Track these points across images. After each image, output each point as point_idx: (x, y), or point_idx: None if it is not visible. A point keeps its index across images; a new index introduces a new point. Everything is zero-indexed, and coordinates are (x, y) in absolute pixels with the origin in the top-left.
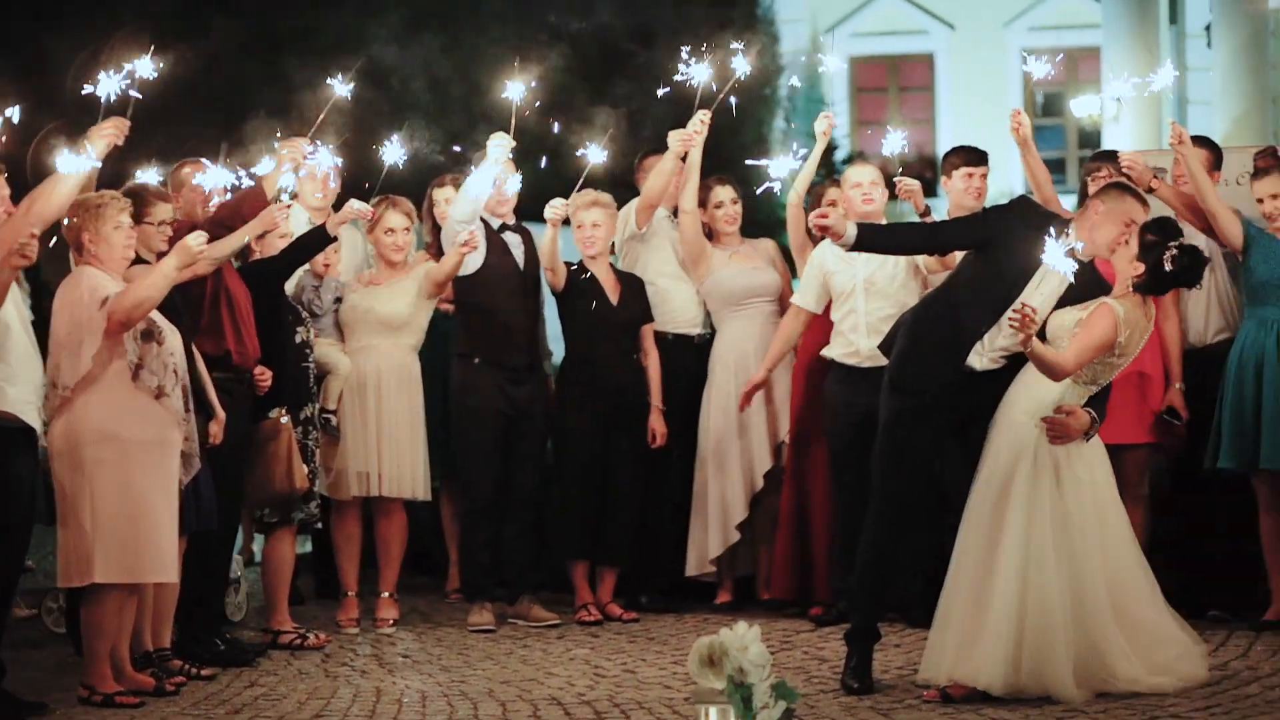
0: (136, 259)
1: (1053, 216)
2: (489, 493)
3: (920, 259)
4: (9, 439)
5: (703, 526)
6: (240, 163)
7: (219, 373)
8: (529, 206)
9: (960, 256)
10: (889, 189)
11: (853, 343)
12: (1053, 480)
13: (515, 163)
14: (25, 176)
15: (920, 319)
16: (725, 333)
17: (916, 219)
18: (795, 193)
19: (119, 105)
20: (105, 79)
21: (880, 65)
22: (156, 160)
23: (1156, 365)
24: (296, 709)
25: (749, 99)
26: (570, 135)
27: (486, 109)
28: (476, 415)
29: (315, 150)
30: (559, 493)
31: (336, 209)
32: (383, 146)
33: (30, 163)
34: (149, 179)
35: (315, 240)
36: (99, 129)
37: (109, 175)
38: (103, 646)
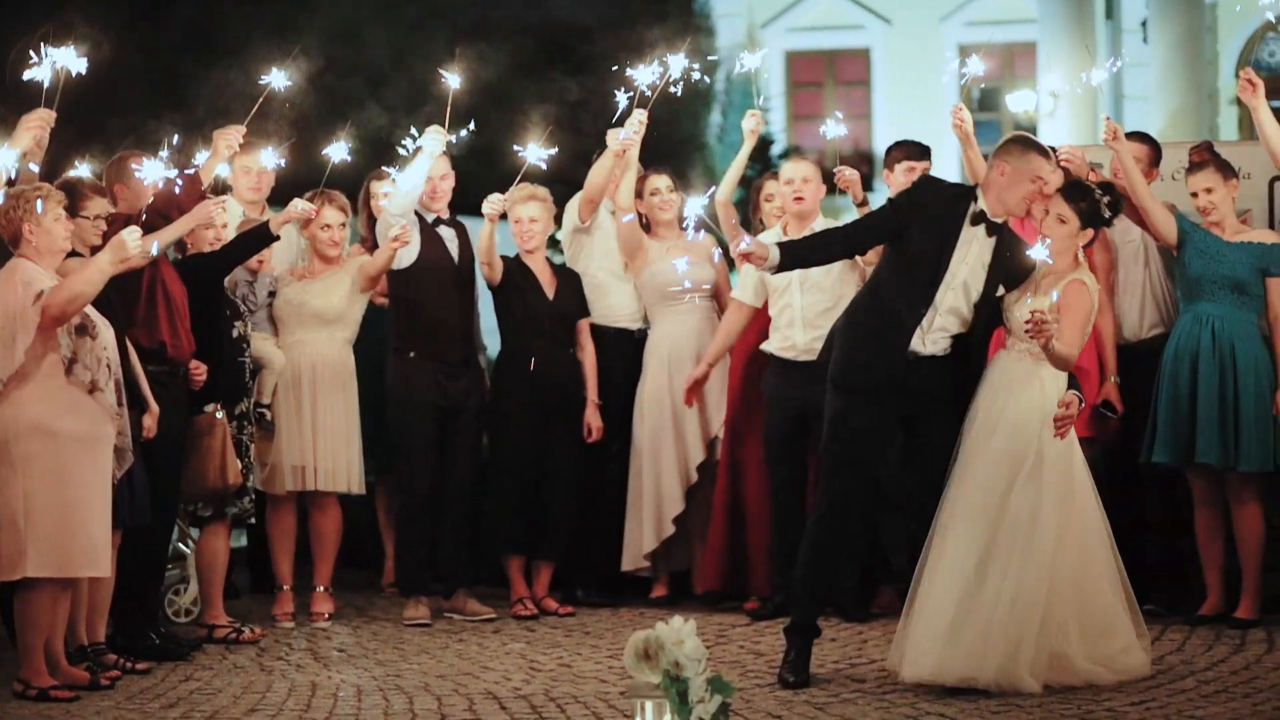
0: (71, 252)
1: (957, 186)
2: (424, 487)
3: None
4: None
5: (637, 521)
6: (178, 155)
7: (153, 366)
8: (463, 200)
9: None
10: (827, 183)
11: (789, 336)
12: (1039, 471)
13: (451, 156)
14: None
15: (854, 320)
16: (660, 326)
17: (854, 210)
18: (723, 192)
19: (48, 96)
20: (37, 67)
21: (817, 60)
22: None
23: (1091, 359)
24: (231, 703)
25: (685, 93)
26: (507, 129)
27: (423, 102)
28: (412, 409)
29: (253, 145)
30: (495, 487)
31: (272, 203)
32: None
33: None
34: (82, 172)
35: (258, 238)
36: (24, 121)
37: (42, 169)
38: (36, 640)
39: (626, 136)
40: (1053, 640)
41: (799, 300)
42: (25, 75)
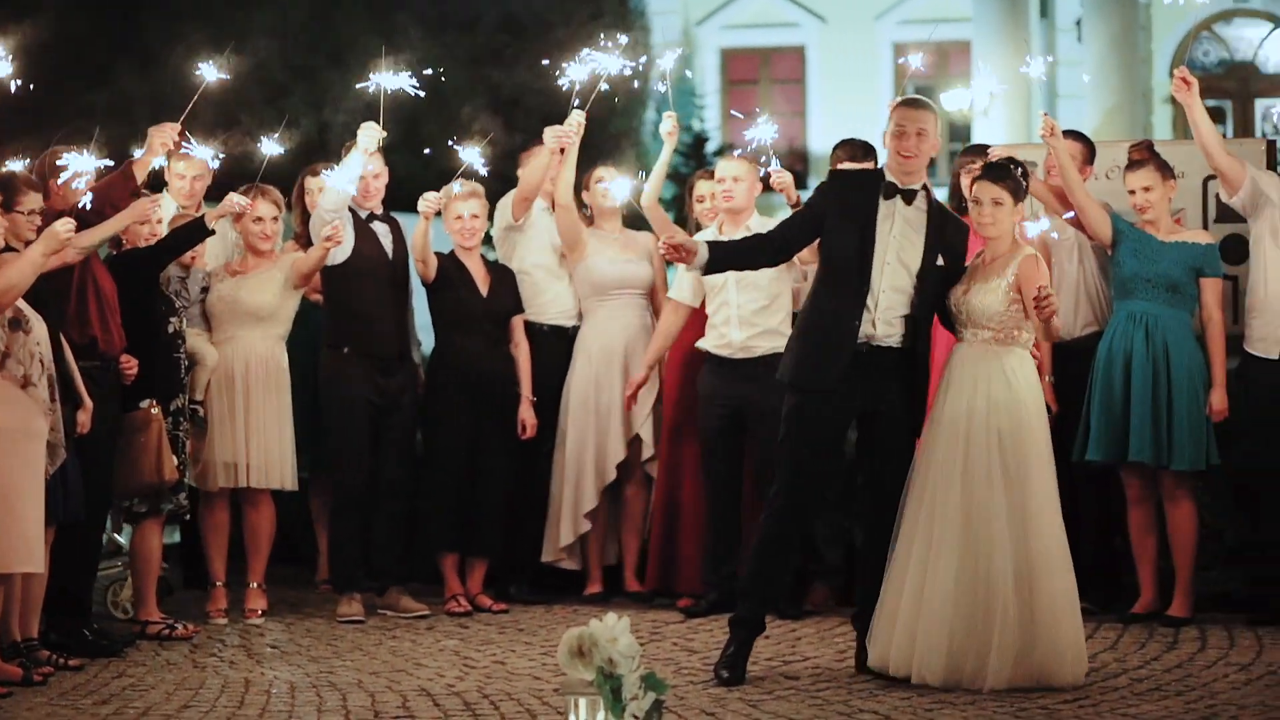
0: (6, 247)
1: (863, 171)
2: (358, 483)
3: None
4: None
5: (556, 515)
6: (111, 150)
7: (85, 361)
8: (397, 196)
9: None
10: (763, 181)
11: (725, 335)
12: (1001, 464)
13: (386, 152)
14: None
15: (801, 330)
16: (591, 321)
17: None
18: (647, 195)
19: None
20: None
21: (752, 57)
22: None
23: None
24: (164, 699)
25: (620, 90)
26: (442, 125)
27: (357, 98)
28: (346, 406)
29: (188, 142)
30: (428, 484)
31: (208, 199)
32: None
33: None
34: (14, 166)
35: (192, 232)
36: None
37: None
38: None
39: (564, 134)
40: (1013, 637)
41: (735, 298)
42: None
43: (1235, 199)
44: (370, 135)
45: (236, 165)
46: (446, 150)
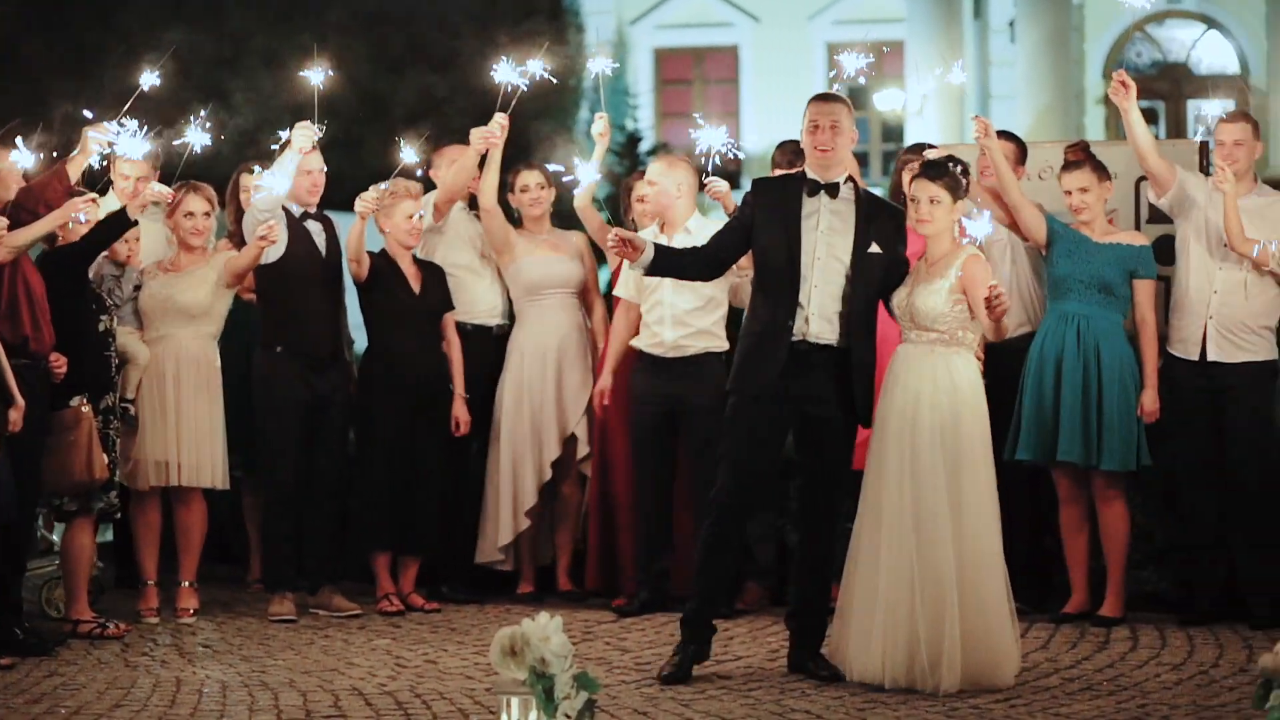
0: None
1: (787, 175)
2: (291, 482)
3: None
4: None
5: (494, 515)
6: (47, 147)
7: (16, 359)
8: (329, 195)
9: None
10: (700, 185)
11: (658, 334)
12: (944, 463)
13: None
14: None
15: (742, 336)
16: (524, 322)
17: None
18: (580, 198)
19: None
20: None
21: (685, 57)
22: None
23: None
24: (96, 698)
25: (553, 90)
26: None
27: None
28: (278, 404)
29: (120, 134)
30: (361, 483)
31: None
32: (186, 131)
33: None
34: None
35: (116, 224)
36: None
37: None
38: None
39: (489, 135)
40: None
41: (669, 298)
42: None
43: (1163, 200)
44: (304, 134)
45: (170, 162)
46: (380, 149)
